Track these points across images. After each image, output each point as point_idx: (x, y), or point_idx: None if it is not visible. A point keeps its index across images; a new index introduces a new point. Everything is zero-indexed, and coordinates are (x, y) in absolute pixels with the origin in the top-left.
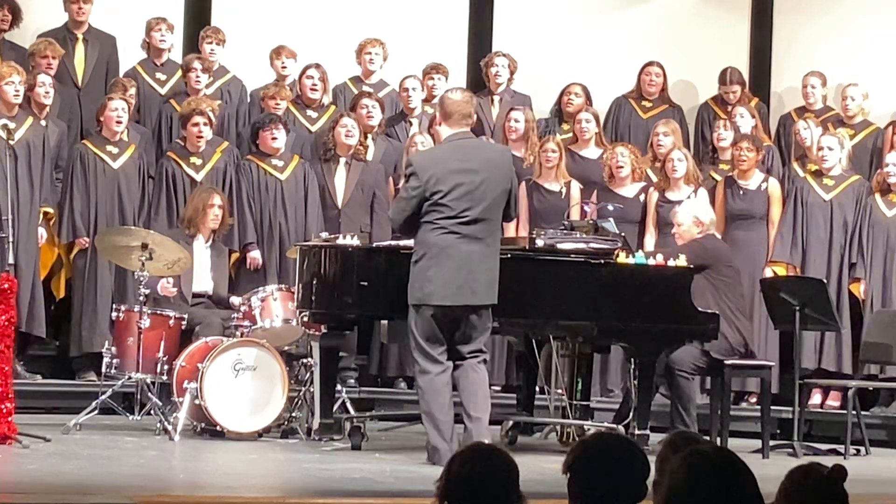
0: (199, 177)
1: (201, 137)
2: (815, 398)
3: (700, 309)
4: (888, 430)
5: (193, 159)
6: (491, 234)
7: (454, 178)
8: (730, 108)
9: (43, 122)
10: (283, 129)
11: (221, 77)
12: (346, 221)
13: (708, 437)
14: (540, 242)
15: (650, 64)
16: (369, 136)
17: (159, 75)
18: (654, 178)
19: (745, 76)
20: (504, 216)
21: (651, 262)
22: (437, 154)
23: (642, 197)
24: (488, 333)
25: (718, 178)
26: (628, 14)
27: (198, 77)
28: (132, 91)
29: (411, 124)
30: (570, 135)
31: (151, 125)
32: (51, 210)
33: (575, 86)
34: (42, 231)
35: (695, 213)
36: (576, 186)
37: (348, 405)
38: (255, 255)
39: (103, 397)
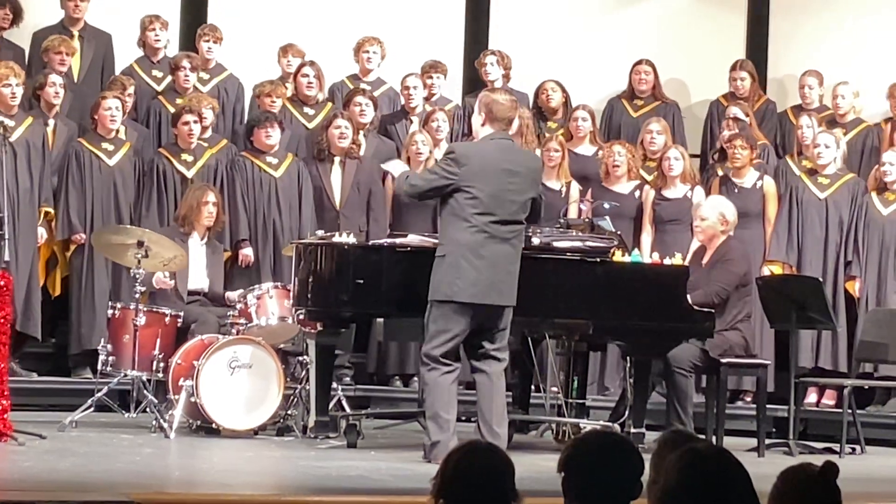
0: (190, 174)
1: (192, 135)
2: (811, 397)
3: (696, 308)
4: (884, 428)
5: (185, 156)
6: (517, 237)
7: (494, 176)
8: (726, 105)
9: (52, 122)
10: (279, 127)
11: (218, 75)
12: (345, 222)
13: (704, 436)
14: (536, 241)
15: (640, 62)
16: (361, 132)
17: (156, 73)
18: (647, 176)
19: None
20: (529, 219)
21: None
22: (480, 149)
23: (637, 194)
24: (508, 332)
25: (721, 174)
26: (625, 13)
27: (186, 76)
28: (131, 90)
29: (411, 122)
30: (561, 132)
31: (143, 122)
32: (51, 210)
33: (549, 82)
34: (42, 231)
35: (721, 209)
36: (575, 187)
37: (344, 403)
38: (246, 253)
39: (99, 395)
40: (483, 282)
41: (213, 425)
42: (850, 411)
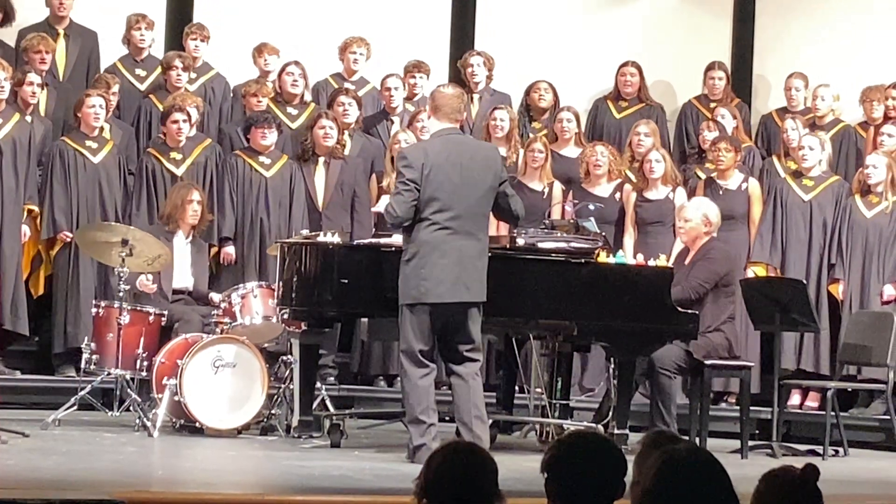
0: (179, 172)
1: (181, 133)
2: (794, 399)
3: (680, 309)
4: (866, 431)
5: (174, 155)
6: (481, 230)
7: (445, 171)
8: (713, 106)
9: (28, 118)
10: (276, 130)
11: (205, 74)
12: (327, 222)
13: (687, 437)
14: (521, 241)
15: (626, 64)
16: (346, 132)
17: (139, 71)
18: (633, 178)
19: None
20: (505, 216)
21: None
22: (427, 147)
23: (617, 195)
24: (479, 330)
25: (703, 176)
26: (611, 14)
27: (178, 75)
28: (115, 88)
29: (393, 123)
30: (544, 133)
31: (131, 121)
32: (35, 208)
33: (541, 82)
34: (25, 228)
35: (705, 211)
36: (558, 187)
37: (328, 403)
38: (228, 251)
39: (82, 393)
40: (450, 279)
41: (197, 424)
42: (833, 413)
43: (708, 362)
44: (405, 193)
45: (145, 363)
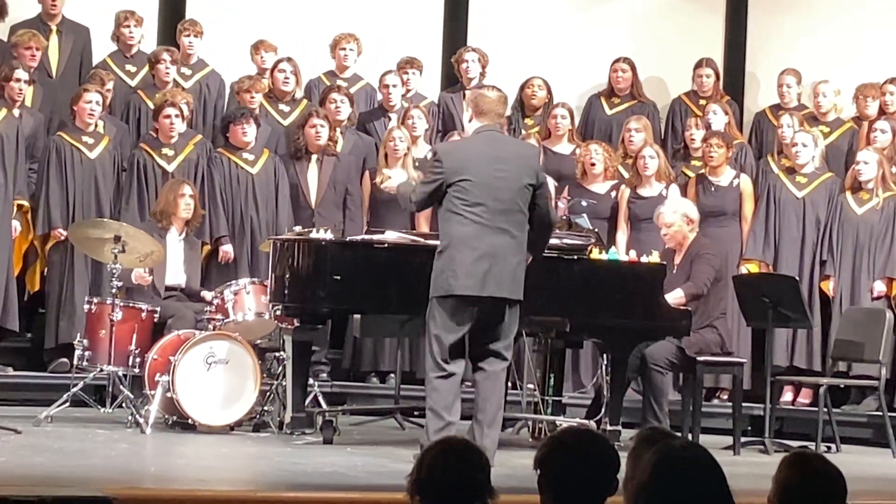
0: (170, 168)
1: (173, 128)
2: (787, 395)
3: (673, 305)
4: (858, 427)
5: (165, 150)
6: (517, 227)
7: (479, 166)
8: (702, 103)
9: (16, 112)
10: (254, 123)
11: (200, 70)
12: (320, 220)
13: (680, 434)
14: None
15: (618, 60)
16: (337, 129)
17: (129, 67)
18: (626, 174)
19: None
20: (537, 219)
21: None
22: (464, 143)
23: (613, 194)
24: (515, 331)
25: (691, 174)
26: (603, 10)
27: (167, 69)
28: (110, 84)
29: (390, 119)
30: (536, 129)
31: (121, 117)
32: (25, 203)
33: (536, 79)
34: (16, 224)
35: (683, 211)
36: (550, 183)
37: (320, 399)
38: (227, 249)
39: (75, 389)
40: (479, 273)
41: (189, 421)
42: (825, 410)
43: (700, 358)
44: (428, 185)
45: (138, 360)
